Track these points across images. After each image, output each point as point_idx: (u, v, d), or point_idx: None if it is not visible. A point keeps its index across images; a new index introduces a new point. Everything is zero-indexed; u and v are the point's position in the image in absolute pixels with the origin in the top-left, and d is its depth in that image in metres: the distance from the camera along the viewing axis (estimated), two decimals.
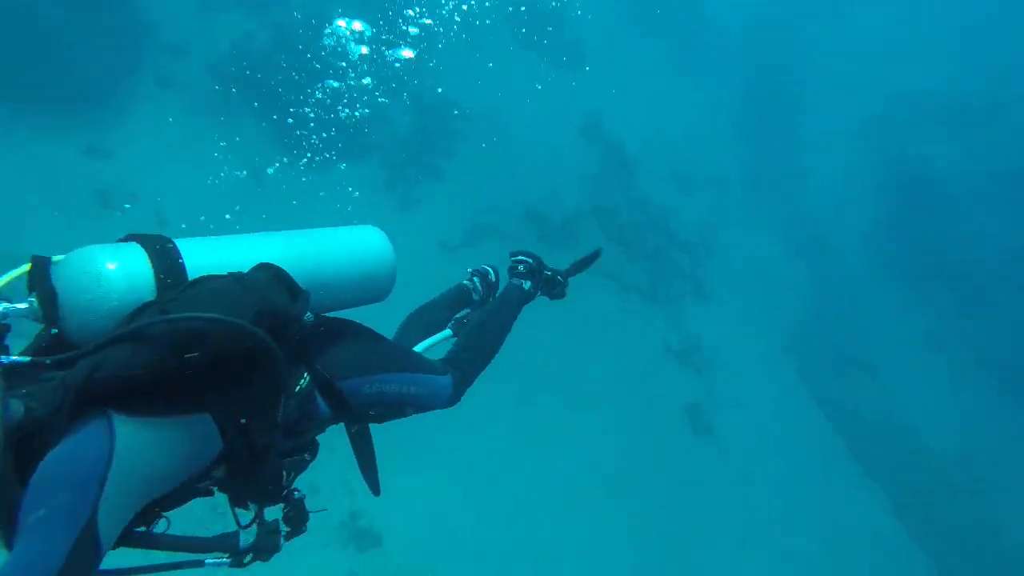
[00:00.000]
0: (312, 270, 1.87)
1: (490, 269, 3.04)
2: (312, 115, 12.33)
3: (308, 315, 1.71)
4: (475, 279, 2.98)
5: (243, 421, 1.54)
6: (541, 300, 2.91)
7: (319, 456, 2.16)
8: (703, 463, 10.48)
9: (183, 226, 9.96)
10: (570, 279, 2.96)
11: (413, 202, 12.70)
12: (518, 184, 14.04)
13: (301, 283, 1.76)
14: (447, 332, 2.65)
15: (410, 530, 7.17)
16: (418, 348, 2.50)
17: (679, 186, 17.40)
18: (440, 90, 15.00)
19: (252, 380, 1.54)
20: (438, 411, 2.52)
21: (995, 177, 18.49)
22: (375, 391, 2.06)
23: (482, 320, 2.65)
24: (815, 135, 21.00)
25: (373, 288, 2.10)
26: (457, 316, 2.75)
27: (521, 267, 2.83)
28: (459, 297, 2.96)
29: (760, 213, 18.18)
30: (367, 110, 13.21)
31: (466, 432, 8.11)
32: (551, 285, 2.92)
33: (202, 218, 10.06)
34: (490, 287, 2.99)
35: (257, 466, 1.60)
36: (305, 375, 1.78)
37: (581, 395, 10.35)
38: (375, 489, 2.23)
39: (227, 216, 10.10)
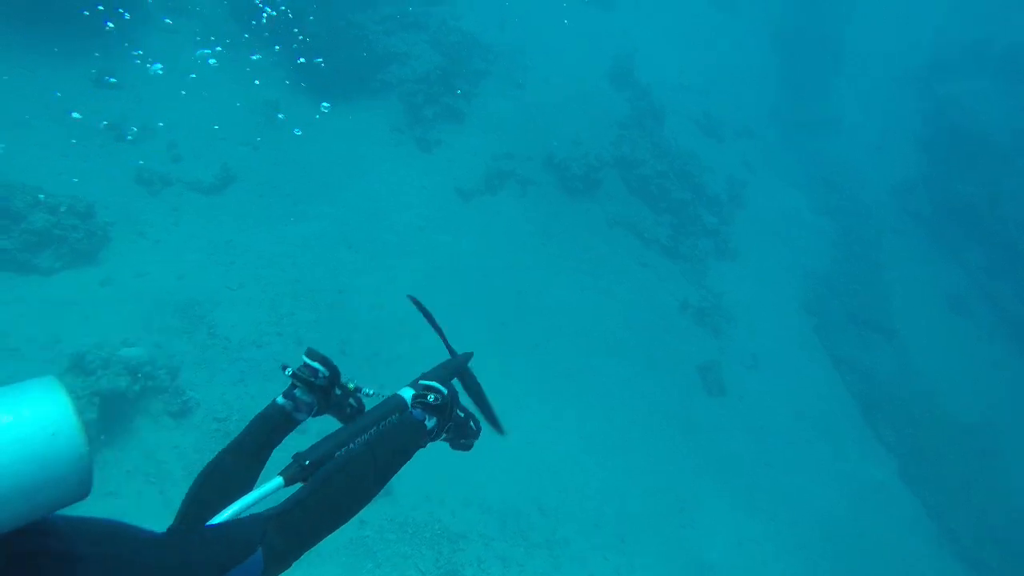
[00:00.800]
0: None
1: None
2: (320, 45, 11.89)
3: None
4: (295, 391, 2.01)
5: None
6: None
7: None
8: (715, 419, 10.44)
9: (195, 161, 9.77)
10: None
11: (432, 143, 12.32)
12: (540, 130, 13.60)
13: None
14: (277, 482, 1.70)
15: (420, 481, 7.21)
16: (236, 506, 1.61)
17: (709, 138, 16.83)
18: (463, 27, 14.40)
19: None
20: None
21: None
22: None
23: (357, 455, 1.77)
24: (852, 85, 20.12)
25: (43, 493, 1.07)
26: (301, 454, 1.76)
27: (432, 397, 2.05)
28: (277, 427, 1.98)
29: (790, 168, 17.60)
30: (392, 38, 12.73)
31: (478, 380, 8.03)
32: (461, 431, 2.20)
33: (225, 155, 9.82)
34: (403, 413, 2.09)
35: None
36: None
37: (593, 345, 10.25)
38: None
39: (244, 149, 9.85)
